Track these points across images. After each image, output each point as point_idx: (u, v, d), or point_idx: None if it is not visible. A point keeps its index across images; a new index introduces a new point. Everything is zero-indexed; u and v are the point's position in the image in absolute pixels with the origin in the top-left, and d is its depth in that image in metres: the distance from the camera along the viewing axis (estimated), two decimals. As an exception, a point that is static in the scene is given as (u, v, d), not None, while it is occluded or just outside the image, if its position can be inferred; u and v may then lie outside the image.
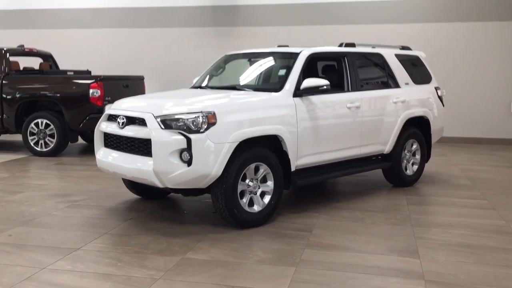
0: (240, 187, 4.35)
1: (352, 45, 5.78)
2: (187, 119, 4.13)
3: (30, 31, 11.88)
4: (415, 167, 6.23)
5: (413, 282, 3.34)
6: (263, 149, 4.47)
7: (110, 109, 4.86)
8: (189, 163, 4.09)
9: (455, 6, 10.09)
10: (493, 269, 3.58)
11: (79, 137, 9.29)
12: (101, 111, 7.82)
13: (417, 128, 6.20)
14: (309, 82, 4.81)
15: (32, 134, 8.30)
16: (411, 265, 3.63)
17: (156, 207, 5.16)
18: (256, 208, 4.48)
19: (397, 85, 6.01)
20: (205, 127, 4.11)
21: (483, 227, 4.55)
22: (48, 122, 8.21)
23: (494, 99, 10.13)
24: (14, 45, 9.61)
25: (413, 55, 6.54)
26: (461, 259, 3.76)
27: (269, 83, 5.52)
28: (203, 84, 5.71)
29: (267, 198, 4.55)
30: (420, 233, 4.35)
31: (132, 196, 5.57)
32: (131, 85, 8.94)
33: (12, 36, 11.77)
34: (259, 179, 4.50)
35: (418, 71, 6.47)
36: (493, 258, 3.78)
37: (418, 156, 6.25)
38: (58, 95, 8.17)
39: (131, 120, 4.47)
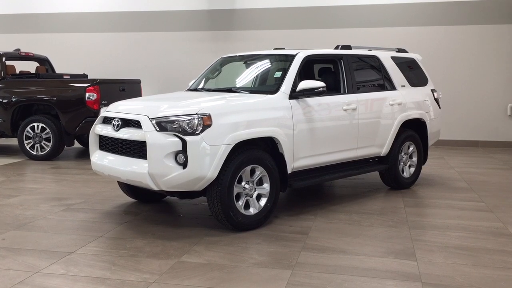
0: (236, 190, 4.32)
1: (348, 47, 5.77)
2: (182, 121, 4.10)
3: (27, 35, 11.87)
4: (412, 169, 6.22)
5: (410, 285, 3.31)
6: (259, 152, 4.44)
7: (105, 112, 4.83)
8: (184, 165, 4.06)
9: (451, 9, 10.11)
10: (490, 271, 3.56)
11: (75, 141, 9.26)
12: (97, 114, 7.81)
13: (413, 131, 6.19)
14: (305, 84, 4.79)
15: (28, 138, 8.27)
16: (408, 268, 3.60)
17: (151, 210, 5.13)
18: (252, 210, 4.46)
19: (393, 88, 6.00)
20: (201, 129, 4.09)
21: (480, 229, 4.53)
22: (44, 126, 8.18)
23: (491, 102, 10.14)
24: (10, 49, 9.60)
25: (409, 58, 6.54)
26: (458, 261, 3.74)
27: (265, 85, 5.50)
28: (199, 87, 5.69)
29: (263, 201, 4.52)
30: (417, 236, 4.33)
31: (127, 199, 5.53)
32: (128, 89, 8.92)
33: (9, 40, 11.76)
34: (255, 181, 4.48)
35: (414, 73, 6.46)
36: (491, 260, 3.76)
37: (415, 159, 6.24)
38: (54, 98, 8.14)
39: (126, 123, 4.44)
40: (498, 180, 6.81)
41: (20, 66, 9.91)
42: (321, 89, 4.82)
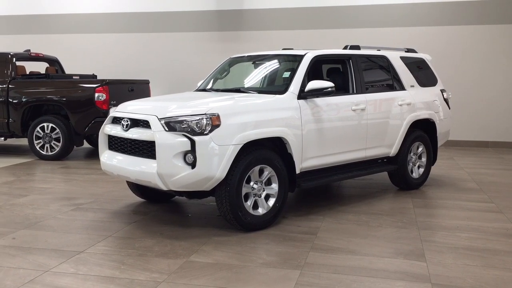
0: (244, 190, 4.32)
1: (357, 47, 5.75)
2: (191, 121, 4.11)
3: (37, 36, 11.96)
4: (421, 170, 6.18)
5: (420, 286, 3.29)
6: (267, 152, 4.44)
7: (114, 112, 4.86)
8: (193, 165, 4.07)
9: (460, 9, 10.05)
10: (501, 272, 3.53)
11: (85, 141, 9.32)
12: (106, 115, 7.84)
13: (423, 131, 6.15)
14: (313, 84, 4.79)
15: (38, 138, 8.33)
16: (417, 268, 3.58)
17: (160, 210, 5.15)
18: (260, 211, 4.45)
19: (402, 88, 5.97)
20: (209, 129, 4.10)
21: (490, 230, 4.49)
22: (53, 126, 8.23)
23: (500, 102, 10.06)
24: (20, 49, 9.68)
25: (419, 58, 6.50)
26: (468, 262, 3.72)
27: (274, 85, 5.50)
28: (208, 87, 5.70)
29: (271, 201, 4.52)
30: (426, 236, 4.31)
31: (136, 199, 5.56)
32: (137, 89, 8.96)
33: (19, 41, 11.86)
34: (263, 181, 4.47)
35: (423, 73, 6.43)
36: (501, 261, 3.73)
37: (424, 159, 6.20)
38: (64, 99, 8.19)
39: (135, 123, 4.46)
40: (508, 181, 6.75)
41: (30, 67, 9.99)
42: (329, 89, 4.81)
